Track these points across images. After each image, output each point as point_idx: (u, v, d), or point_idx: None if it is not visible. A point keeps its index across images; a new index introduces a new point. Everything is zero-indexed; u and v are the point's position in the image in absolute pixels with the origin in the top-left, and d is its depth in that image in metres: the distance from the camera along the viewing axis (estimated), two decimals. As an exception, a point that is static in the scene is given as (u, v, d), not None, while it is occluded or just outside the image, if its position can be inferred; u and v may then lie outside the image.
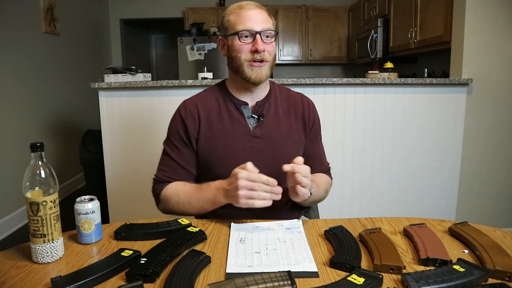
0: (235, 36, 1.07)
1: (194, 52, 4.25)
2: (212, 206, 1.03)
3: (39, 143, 0.79)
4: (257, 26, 1.06)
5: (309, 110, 1.21)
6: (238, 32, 1.06)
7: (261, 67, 1.08)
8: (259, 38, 1.05)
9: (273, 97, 1.18)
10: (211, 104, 1.16)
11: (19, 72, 2.97)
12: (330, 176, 1.24)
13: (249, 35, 1.06)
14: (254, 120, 1.14)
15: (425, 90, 2.35)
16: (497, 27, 2.33)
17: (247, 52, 1.07)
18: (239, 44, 1.07)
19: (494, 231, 0.95)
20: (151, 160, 2.27)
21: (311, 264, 0.79)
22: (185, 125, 1.14)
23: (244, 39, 1.07)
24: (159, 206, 1.15)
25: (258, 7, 1.10)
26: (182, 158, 1.14)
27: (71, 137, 3.69)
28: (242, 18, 1.07)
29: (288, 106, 1.19)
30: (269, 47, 1.08)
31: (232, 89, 1.17)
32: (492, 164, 2.48)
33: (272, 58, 1.10)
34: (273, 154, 1.12)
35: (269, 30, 1.08)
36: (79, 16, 4.14)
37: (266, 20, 1.08)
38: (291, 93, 1.23)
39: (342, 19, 4.90)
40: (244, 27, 1.06)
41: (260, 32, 1.06)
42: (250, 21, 1.06)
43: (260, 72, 1.08)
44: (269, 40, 1.08)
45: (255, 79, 1.08)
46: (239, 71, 1.09)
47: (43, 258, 0.80)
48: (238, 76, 1.12)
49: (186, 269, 0.74)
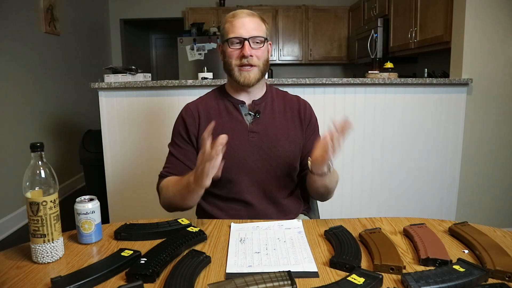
0: (227, 43, 1.16)
1: (194, 52, 4.25)
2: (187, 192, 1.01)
3: (39, 143, 0.79)
4: (246, 33, 1.14)
5: (305, 108, 1.26)
6: (228, 39, 1.15)
7: (249, 71, 1.15)
8: (247, 44, 1.13)
9: (270, 97, 1.25)
10: (211, 104, 1.23)
11: (19, 72, 2.97)
12: None
13: (238, 42, 1.15)
14: (251, 116, 1.20)
15: (425, 90, 2.35)
16: (497, 27, 2.33)
17: (236, 57, 1.15)
18: (230, 50, 1.16)
19: (494, 231, 0.95)
20: (151, 160, 2.28)
21: (311, 264, 0.79)
22: (185, 124, 1.20)
23: (234, 45, 1.15)
24: (160, 201, 1.18)
25: (250, 15, 1.17)
26: (183, 154, 1.19)
27: (71, 137, 3.69)
28: (233, 27, 1.15)
29: (284, 106, 1.25)
30: (258, 52, 1.15)
31: (230, 91, 1.24)
32: (492, 164, 2.48)
33: (262, 63, 1.17)
34: (269, 148, 1.18)
35: (258, 37, 1.15)
36: (79, 16, 4.14)
37: (256, 28, 1.15)
38: (287, 95, 1.30)
39: (342, 19, 4.90)
40: (234, 35, 1.14)
41: (248, 38, 1.13)
42: (240, 28, 1.14)
43: (248, 76, 1.15)
44: (258, 46, 1.16)
45: (243, 82, 1.16)
46: (231, 75, 1.18)
47: (43, 258, 0.80)
48: (231, 79, 1.20)
49: (186, 269, 0.74)
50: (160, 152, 2.29)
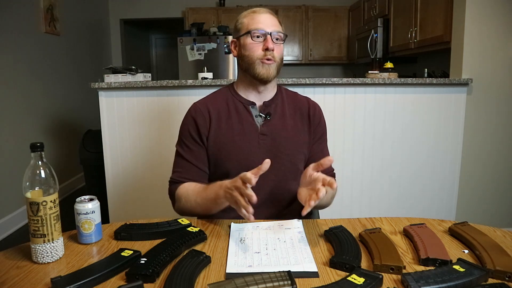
0: (248, 36, 1.14)
1: (194, 52, 4.25)
2: (215, 204, 1.03)
3: (39, 143, 0.79)
4: (269, 28, 1.14)
5: (315, 111, 1.25)
6: (250, 31, 1.14)
7: (270, 65, 1.14)
8: (270, 38, 1.13)
9: (280, 98, 1.23)
10: (220, 104, 1.20)
11: (19, 72, 2.97)
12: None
13: (260, 36, 1.14)
14: (262, 118, 1.18)
15: (425, 90, 2.35)
16: (497, 27, 2.33)
17: (258, 50, 1.13)
18: (251, 43, 1.14)
19: (494, 231, 0.95)
20: (152, 159, 2.28)
21: (311, 264, 0.79)
22: (196, 124, 1.17)
23: (256, 38, 1.14)
24: (175, 207, 1.18)
25: (270, 13, 1.18)
26: (194, 157, 1.17)
27: (71, 137, 3.69)
28: (254, 20, 1.15)
29: (294, 108, 1.23)
30: (278, 49, 1.15)
31: (240, 90, 1.22)
32: (492, 164, 2.48)
33: (279, 59, 1.16)
34: (279, 151, 1.16)
35: (279, 33, 1.15)
36: (79, 16, 4.14)
37: (276, 24, 1.16)
38: (298, 96, 1.28)
39: (342, 19, 4.90)
40: (256, 27, 1.14)
41: (270, 33, 1.13)
42: (262, 23, 1.14)
43: (269, 69, 1.14)
44: (278, 42, 1.15)
45: (263, 76, 1.14)
46: (250, 69, 1.15)
47: (43, 258, 0.80)
48: (247, 75, 1.18)
49: (186, 269, 0.74)
50: (161, 152, 2.30)
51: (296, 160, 1.18)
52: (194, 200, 1.08)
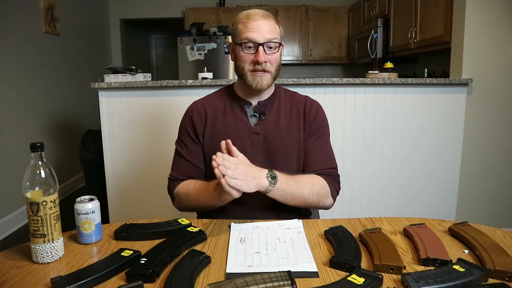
0: (240, 47, 1.13)
1: (194, 52, 4.25)
2: (217, 200, 1.03)
3: (39, 143, 0.79)
4: (261, 38, 1.10)
5: (311, 107, 1.23)
6: (242, 43, 1.12)
7: (262, 77, 1.13)
8: (262, 50, 1.10)
9: (277, 98, 1.23)
10: (218, 104, 1.22)
11: (19, 72, 2.97)
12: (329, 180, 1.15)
13: (252, 46, 1.11)
14: (256, 118, 1.19)
15: (425, 90, 2.35)
16: (497, 27, 2.33)
17: (249, 62, 1.12)
18: (243, 55, 1.13)
19: (494, 231, 0.95)
20: (152, 159, 2.28)
21: (311, 264, 0.79)
22: (193, 123, 1.20)
23: (248, 49, 1.12)
24: (174, 204, 1.20)
25: (265, 17, 1.13)
26: (192, 155, 1.19)
27: (71, 137, 3.69)
28: (247, 29, 1.11)
29: (291, 107, 1.23)
30: (272, 58, 1.13)
31: (238, 91, 1.23)
32: (492, 164, 2.48)
33: (274, 68, 1.15)
34: (271, 150, 1.17)
35: (272, 42, 1.12)
36: (79, 16, 4.14)
37: (271, 31, 1.12)
38: (296, 95, 1.27)
39: (342, 19, 4.89)
40: (248, 38, 1.10)
41: (263, 44, 1.10)
42: (255, 32, 1.10)
43: (261, 82, 1.13)
44: (272, 51, 1.13)
45: (255, 87, 1.14)
46: (242, 77, 1.16)
47: (43, 258, 0.80)
48: (243, 83, 1.18)
49: (186, 269, 0.74)
50: (160, 152, 2.30)
51: (289, 158, 1.18)
52: (197, 198, 1.10)
